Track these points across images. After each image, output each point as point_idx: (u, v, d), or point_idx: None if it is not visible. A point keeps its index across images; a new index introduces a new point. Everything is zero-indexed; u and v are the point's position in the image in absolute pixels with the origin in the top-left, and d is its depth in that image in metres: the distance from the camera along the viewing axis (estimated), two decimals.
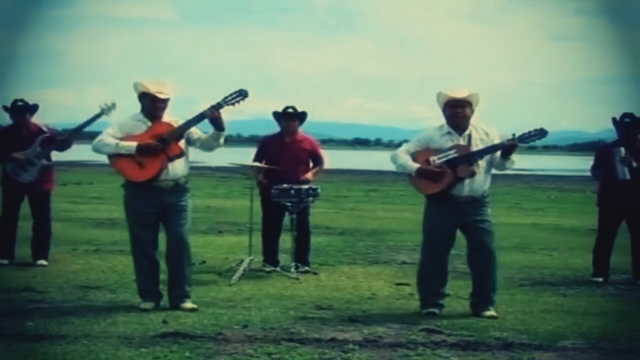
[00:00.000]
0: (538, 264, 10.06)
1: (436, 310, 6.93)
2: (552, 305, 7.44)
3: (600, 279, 8.87)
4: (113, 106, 8.77)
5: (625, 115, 9.00)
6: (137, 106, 7.09)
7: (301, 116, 9.37)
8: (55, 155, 9.43)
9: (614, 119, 9.04)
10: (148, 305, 6.94)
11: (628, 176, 8.79)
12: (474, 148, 6.91)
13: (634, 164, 8.80)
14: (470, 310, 6.98)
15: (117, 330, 6.07)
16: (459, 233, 7.08)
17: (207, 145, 7.20)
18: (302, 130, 9.50)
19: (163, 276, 7.09)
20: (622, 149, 8.81)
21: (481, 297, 6.99)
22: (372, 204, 20.81)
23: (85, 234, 12.32)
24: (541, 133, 6.93)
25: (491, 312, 6.86)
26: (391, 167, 7.40)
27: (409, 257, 10.31)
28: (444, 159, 6.88)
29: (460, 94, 6.98)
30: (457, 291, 7.42)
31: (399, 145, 7.80)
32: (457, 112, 6.96)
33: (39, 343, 5.54)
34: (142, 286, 7.10)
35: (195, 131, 7.17)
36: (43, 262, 9.13)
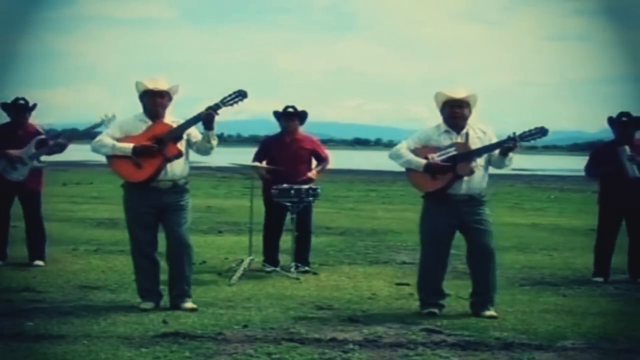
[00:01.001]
0: (538, 264, 10.06)
1: (436, 310, 6.93)
2: (552, 305, 7.43)
3: (601, 279, 8.86)
4: (113, 117, 8.73)
5: (622, 114, 9.03)
6: (136, 106, 7.11)
7: (301, 115, 9.36)
8: (56, 155, 9.39)
9: (610, 118, 9.06)
10: (148, 305, 6.91)
11: (638, 174, 8.81)
12: (472, 147, 6.92)
13: None
14: (470, 311, 6.95)
15: (117, 330, 6.03)
16: (457, 233, 7.04)
17: (202, 149, 7.17)
18: (303, 129, 9.48)
19: (163, 276, 7.04)
20: (627, 147, 8.83)
21: (481, 297, 6.98)
22: (372, 204, 20.78)
23: (85, 234, 12.29)
24: (542, 132, 6.91)
25: (491, 312, 6.86)
26: (391, 167, 7.38)
27: (409, 257, 10.31)
28: (444, 157, 6.87)
29: (459, 94, 7.00)
30: (457, 291, 7.39)
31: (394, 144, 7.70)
32: (455, 111, 6.99)
33: (39, 343, 5.53)
34: (142, 286, 7.08)
35: (195, 134, 7.16)
36: (40, 262, 9.07)
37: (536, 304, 7.47)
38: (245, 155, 10.24)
